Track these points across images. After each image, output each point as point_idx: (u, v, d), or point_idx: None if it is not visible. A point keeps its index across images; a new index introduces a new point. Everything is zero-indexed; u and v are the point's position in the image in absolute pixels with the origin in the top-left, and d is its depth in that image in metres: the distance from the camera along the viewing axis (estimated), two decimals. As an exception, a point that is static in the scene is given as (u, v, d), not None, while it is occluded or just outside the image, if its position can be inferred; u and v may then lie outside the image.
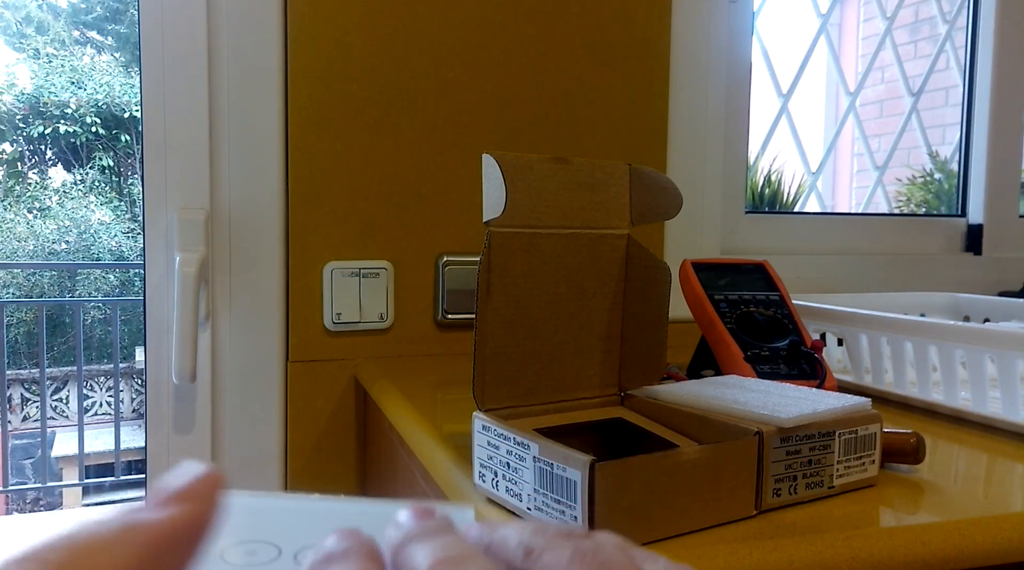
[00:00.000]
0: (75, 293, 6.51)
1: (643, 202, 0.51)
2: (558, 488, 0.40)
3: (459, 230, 0.96)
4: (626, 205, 0.51)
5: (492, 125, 0.97)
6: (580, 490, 0.38)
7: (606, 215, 0.50)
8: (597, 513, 0.38)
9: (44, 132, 6.61)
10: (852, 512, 0.45)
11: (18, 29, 7.06)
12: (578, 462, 0.38)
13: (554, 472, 0.40)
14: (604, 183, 0.50)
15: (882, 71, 1.91)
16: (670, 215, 0.52)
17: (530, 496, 0.42)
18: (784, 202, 3.05)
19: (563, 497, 0.39)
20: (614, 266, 0.51)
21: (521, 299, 0.47)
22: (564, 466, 0.39)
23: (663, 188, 0.52)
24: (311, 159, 0.91)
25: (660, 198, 0.52)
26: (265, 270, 0.91)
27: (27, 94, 6.66)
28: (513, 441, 0.43)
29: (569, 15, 0.99)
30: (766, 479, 0.44)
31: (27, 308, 6.00)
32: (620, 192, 0.51)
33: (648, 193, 0.51)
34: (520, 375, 0.48)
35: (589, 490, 0.38)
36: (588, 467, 0.38)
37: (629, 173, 0.51)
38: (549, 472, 0.40)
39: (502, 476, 0.44)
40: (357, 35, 0.91)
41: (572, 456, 0.39)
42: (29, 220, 6.56)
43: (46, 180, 6.86)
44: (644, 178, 0.52)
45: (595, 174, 0.50)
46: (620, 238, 0.51)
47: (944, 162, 1.47)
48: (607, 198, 0.50)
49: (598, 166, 0.50)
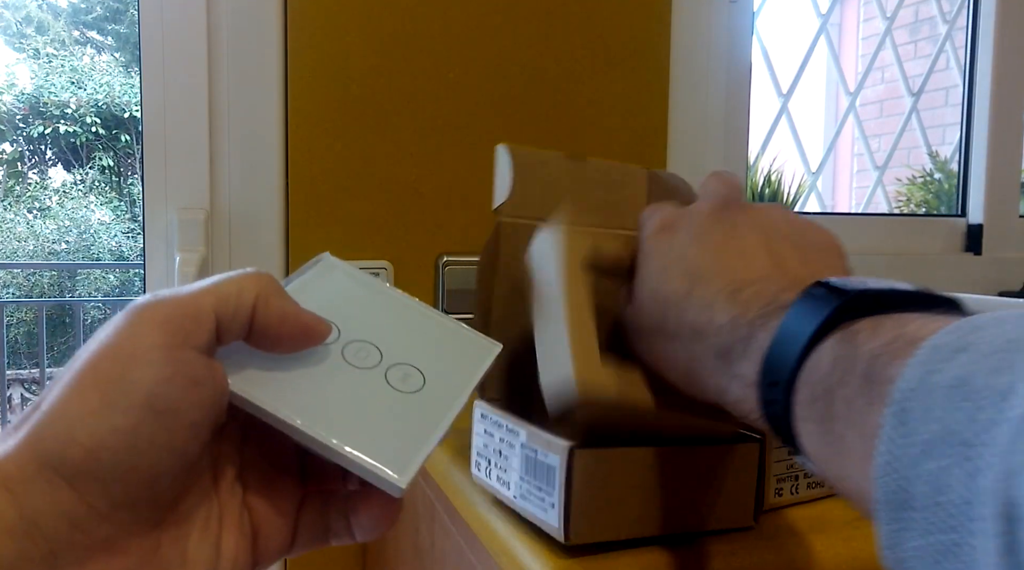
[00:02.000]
0: (75, 293, 6.51)
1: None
2: (540, 475, 0.39)
3: (459, 230, 0.96)
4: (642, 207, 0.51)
5: (492, 125, 0.97)
6: (558, 476, 0.37)
7: (619, 216, 0.49)
8: (574, 502, 0.37)
9: (44, 132, 6.61)
10: (852, 512, 0.45)
11: (18, 29, 7.06)
12: (558, 447, 0.37)
13: (537, 459, 0.39)
14: (620, 184, 0.50)
15: (882, 71, 1.91)
16: None
17: (516, 484, 0.41)
18: (784, 202, 3.05)
19: (544, 484, 0.39)
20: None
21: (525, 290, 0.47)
22: (546, 451, 0.38)
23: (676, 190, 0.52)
24: (311, 159, 0.91)
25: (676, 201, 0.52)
26: (265, 270, 0.90)
27: (27, 94, 6.66)
28: (505, 428, 0.42)
29: (569, 15, 0.99)
30: (768, 479, 0.44)
31: (27, 308, 6.00)
32: (636, 194, 0.50)
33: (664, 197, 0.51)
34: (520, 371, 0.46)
35: (567, 477, 0.37)
36: (567, 452, 0.37)
37: (648, 177, 0.51)
38: (533, 459, 0.40)
39: (494, 464, 0.44)
40: (357, 35, 0.91)
41: (554, 442, 0.38)
42: (29, 220, 6.56)
43: (46, 180, 6.86)
44: (661, 182, 0.51)
45: (611, 174, 0.49)
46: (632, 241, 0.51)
47: (944, 162, 1.47)
48: (621, 199, 0.50)
49: (615, 167, 0.50)
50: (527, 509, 0.40)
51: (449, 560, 0.57)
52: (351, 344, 0.32)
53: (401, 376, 0.32)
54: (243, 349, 0.30)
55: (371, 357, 0.32)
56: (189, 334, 0.26)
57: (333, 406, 0.30)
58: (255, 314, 0.29)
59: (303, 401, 0.29)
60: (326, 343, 0.31)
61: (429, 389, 0.32)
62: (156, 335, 0.26)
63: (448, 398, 0.32)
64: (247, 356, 0.30)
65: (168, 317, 0.26)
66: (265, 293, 0.29)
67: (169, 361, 0.25)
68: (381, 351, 0.33)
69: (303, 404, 0.29)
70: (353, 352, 0.32)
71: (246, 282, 0.30)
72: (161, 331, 0.26)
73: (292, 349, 0.30)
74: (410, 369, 0.32)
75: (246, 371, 0.29)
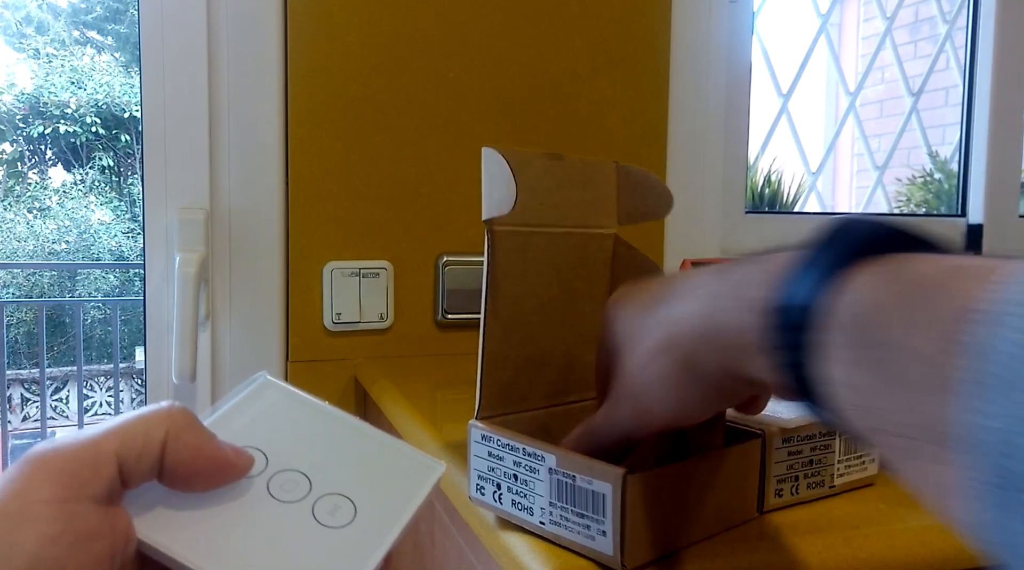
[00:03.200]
0: (75, 293, 6.51)
1: (630, 201, 0.50)
2: (581, 502, 0.38)
3: (459, 230, 0.96)
4: (613, 204, 0.49)
5: (492, 125, 0.97)
6: (611, 504, 0.36)
7: (595, 214, 0.48)
8: (628, 527, 0.36)
9: (44, 132, 6.61)
10: (852, 512, 0.45)
11: (18, 29, 7.06)
12: (608, 474, 0.36)
13: (577, 485, 0.38)
14: (593, 181, 0.48)
15: (882, 71, 1.91)
16: (659, 215, 0.51)
17: (544, 510, 0.40)
18: (784, 202, 3.05)
19: (588, 510, 0.37)
20: (602, 267, 0.49)
21: (517, 301, 0.45)
22: (590, 478, 0.37)
23: (650, 187, 0.50)
24: (311, 159, 0.90)
25: (648, 198, 0.50)
26: (265, 270, 0.91)
27: (27, 94, 6.66)
28: (523, 451, 0.41)
29: (569, 15, 0.99)
30: (768, 480, 0.44)
31: (27, 308, 6.00)
32: (608, 190, 0.49)
33: (635, 192, 0.50)
34: (515, 380, 0.46)
35: (621, 504, 0.36)
36: (621, 479, 0.35)
37: (616, 171, 0.49)
38: (570, 485, 0.38)
39: (507, 489, 0.42)
40: (357, 35, 0.91)
41: (599, 468, 0.37)
42: (29, 220, 6.56)
43: (46, 180, 6.86)
44: (632, 177, 0.50)
45: (585, 172, 0.48)
46: (607, 238, 0.49)
47: (944, 162, 1.47)
48: (596, 197, 0.48)
49: (588, 163, 0.48)
50: (562, 535, 0.39)
51: (449, 560, 0.57)
52: (279, 475, 0.31)
53: (330, 509, 0.30)
54: (157, 489, 0.28)
55: (299, 488, 0.30)
56: (85, 484, 0.25)
57: (251, 549, 0.28)
58: (165, 452, 0.27)
59: (217, 545, 0.27)
60: (250, 475, 0.30)
61: (360, 521, 0.30)
62: (47, 489, 0.24)
63: (380, 531, 0.30)
64: (161, 496, 0.28)
65: (62, 467, 0.25)
66: (176, 429, 0.28)
67: (58, 517, 0.24)
68: (312, 481, 0.31)
69: (217, 548, 0.27)
70: (280, 484, 0.30)
71: (155, 419, 0.28)
72: (53, 483, 0.24)
73: (208, 487, 0.29)
74: (341, 500, 0.30)
75: (156, 513, 0.27)
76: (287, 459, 0.31)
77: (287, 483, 0.30)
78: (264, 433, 0.32)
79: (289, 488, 0.30)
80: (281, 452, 0.31)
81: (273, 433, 0.32)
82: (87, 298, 6.30)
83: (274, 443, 0.31)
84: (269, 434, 0.32)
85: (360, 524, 0.30)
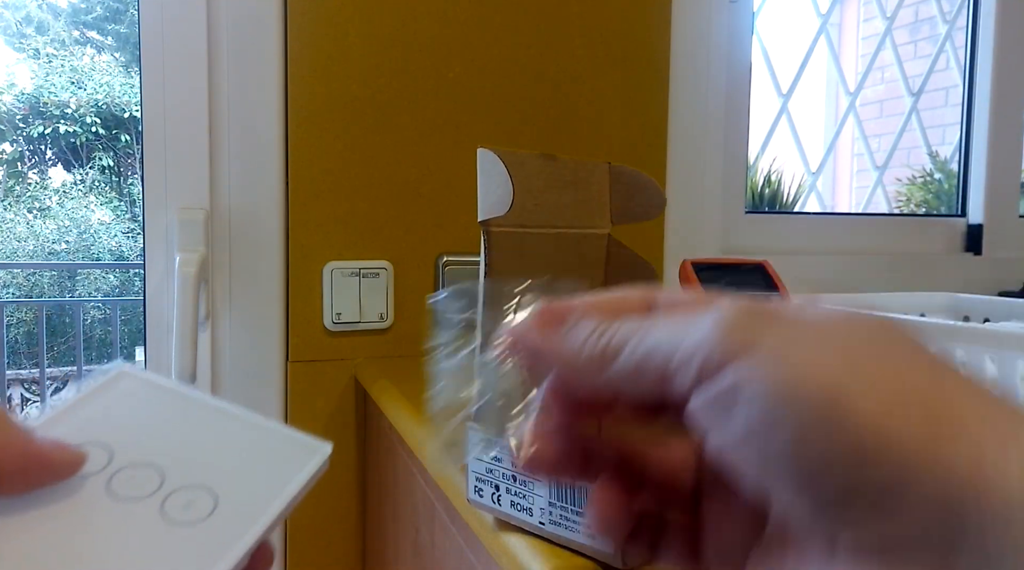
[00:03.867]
0: (75, 293, 6.51)
1: (623, 201, 0.50)
2: (581, 501, 0.38)
3: (459, 230, 0.96)
4: (606, 204, 0.50)
5: (492, 125, 0.97)
6: None
7: (588, 214, 0.48)
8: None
9: (44, 132, 6.61)
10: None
11: (18, 29, 7.06)
12: None
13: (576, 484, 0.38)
14: (586, 181, 0.49)
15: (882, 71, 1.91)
16: (651, 216, 0.51)
17: (543, 510, 0.40)
18: (784, 202, 3.05)
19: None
20: (596, 267, 0.50)
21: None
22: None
23: (643, 188, 0.51)
24: (311, 159, 0.91)
25: (640, 198, 0.50)
26: (265, 270, 0.91)
27: (27, 94, 6.66)
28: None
29: (569, 15, 0.99)
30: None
31: (27, 308, 6.00)
32: (601, 191, 0.49)
33: (628, 193, 0.50)
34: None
35: None
36: None
37: (609, 171, 0.50)
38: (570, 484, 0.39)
39: (506, 490, 0.42)
40: (357, 35, 0.91)
41: None
42: (29, 220, 6.56)
43: (46, 180, 6.86)
44: (624, 177, 0.50)
45: (578, 172, 0.48)
46: (601, 238, 0.49)
47: (944, 162, 1.47)
48: (589, 197, 0.49)
49: (581, 164, 0.48)
50: (562, 535, 0.39)
51: (449, 560, 0.57)
52: (124, 470, 0.28)
53: (183, 503, 0.27)
54: None
55: (148, 483, 0.28)
56: None
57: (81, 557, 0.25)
58: None
59: (39, 554, 0.25)
60: (86, 474, 0.27)
61: (220, 515, 0.27)
62: None
63: (243, 523, 0.27)
64: None
65: None
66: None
67: None
68: (165, 474, 0.28)
69: (39, 559, 0.25)
70: (124, 481, 0.28)
71: None
72: None
73: (23, 489, 0.26)
74: (198, 492, 0.28)
75: None
76: (136, 452, 0.28)
77: (134, 479, 0.28)
78: (112, 426, 0.29)
79: (136, 484, 0.28)
80: (130, 445, 0.29)
81: (123, 425, 0.29)
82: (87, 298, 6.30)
83: (122, 436, 0.29)
84: (118, 426, 0.29)
85: (220, 518, 0.27)
